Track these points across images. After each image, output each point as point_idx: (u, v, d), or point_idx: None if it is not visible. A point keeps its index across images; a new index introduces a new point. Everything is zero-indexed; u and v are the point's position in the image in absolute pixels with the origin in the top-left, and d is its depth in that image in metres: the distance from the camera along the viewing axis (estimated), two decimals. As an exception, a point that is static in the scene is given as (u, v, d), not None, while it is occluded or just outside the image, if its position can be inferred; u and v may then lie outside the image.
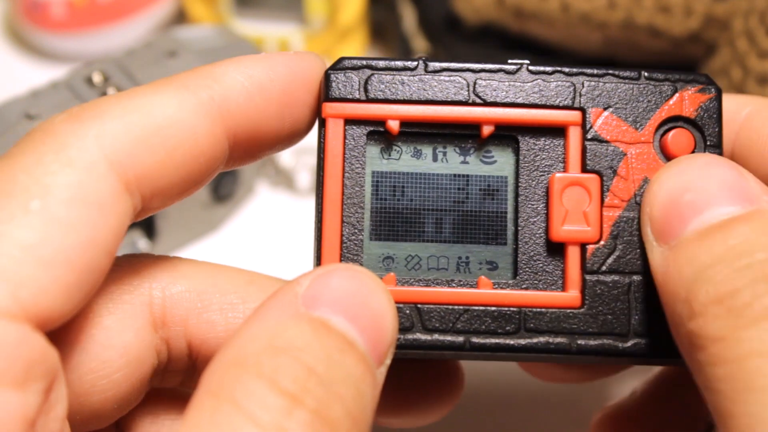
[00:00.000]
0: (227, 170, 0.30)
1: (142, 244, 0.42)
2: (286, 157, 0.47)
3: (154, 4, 0.51)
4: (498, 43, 0.46)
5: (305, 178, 0.47)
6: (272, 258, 0.44)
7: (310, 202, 0.46)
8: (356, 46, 0.50)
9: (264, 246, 0.44)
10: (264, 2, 0.49)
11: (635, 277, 0.30)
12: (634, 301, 0.30)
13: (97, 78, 0.39)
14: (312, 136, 0.30)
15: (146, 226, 0.42)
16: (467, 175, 0.31)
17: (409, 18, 0.48)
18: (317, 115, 0.30)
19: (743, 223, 0.26)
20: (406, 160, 0.31)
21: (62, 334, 0.25)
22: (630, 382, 0.39)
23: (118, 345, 0.27)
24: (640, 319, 0.30)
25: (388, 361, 0.26)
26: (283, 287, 0.25)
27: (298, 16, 0.49)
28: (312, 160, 0.47)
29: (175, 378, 0.30)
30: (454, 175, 0.31)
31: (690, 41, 0.43)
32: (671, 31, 0.43)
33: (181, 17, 0.52)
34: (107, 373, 0.27)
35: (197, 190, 0.28)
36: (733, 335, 0.24)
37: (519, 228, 0.31)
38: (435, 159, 0.31)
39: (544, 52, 0.46)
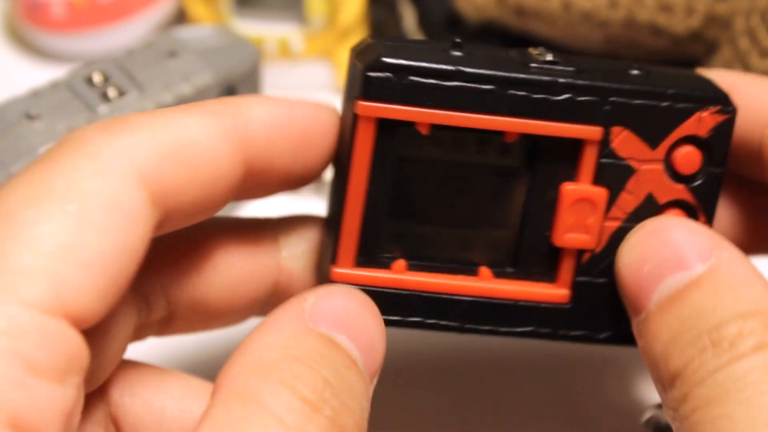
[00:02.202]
0: (236, 202, 0.31)
1: (142, 244, 0.42)
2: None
3: (154, 4, 0.51)
4: (499, 42, 0.46)
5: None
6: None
7: (310, 203, 0.46)
8: (356, 46, 0.50)
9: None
10: (264, 2, 0.49)
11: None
12: (619, 303, 0.32)
13: (97, 78, 0.39)
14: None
15: (146, 226, 0.42)
16: (485, 166, 0.32)
17: (409, 18, 0.48)
18: (332, 157, 0.32)
19: (694, 289, 0.28)
20: (429, 148, 0.32)
21: None
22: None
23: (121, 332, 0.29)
24: (623, 317, 0.31)
25: (375, 381, 0.28)
26: (291, 301, 0.27)
27: (298, 16, 0.49)
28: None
29: (150, 330, 0.31)
30: (474, 166, 0.32)
31: (691, 40, 0.43)
32: (672, 29, 0.43)
33: (181, 17, 0.52)
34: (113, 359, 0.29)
35: (206, 217, 0.29)
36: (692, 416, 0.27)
37: (525, 223, 0.32)
38: (456, 150, 0.32)
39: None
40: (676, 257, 0.29)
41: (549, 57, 0.32)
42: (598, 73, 0.31)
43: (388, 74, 0.30)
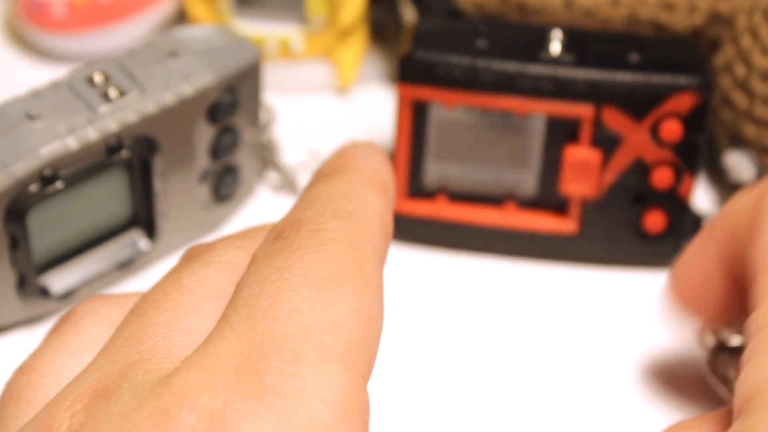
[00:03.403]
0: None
1: (142, 244, 0.42)
2: (287, 158, 0.47)
3: (154, 4, 0.51)
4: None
5: (306, 179, 0.46)
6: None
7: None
8: (356, 46, 0.50)
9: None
10: (264, 2, 0.49)
11: (619, 221, 0.41)
12: (619, 236, 0.41)
13: (98, 78, 0.39)
14: (306, 139, 0.30)
15: (147, 225, 0.42)
16: (507, 126, 0.40)
17: (409, 17, 0.48)
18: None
19: None
20: (461, 113, 0.40)
21: None
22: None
23: None
24: (621, 243, 0.42)
25: None
26: None
27: (299, 16, 0.49)
28: (312, 163, 0.46)
29: None
30: (497, 127, 0.41)
31: (693, 37, 0.43)
32: (675, 27, 0.43)
33: (181, 17, 0.52)
34: None
35: None
36: None
37: (543, 167, 0.41)
38: (481, 115, 0.40)
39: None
40: None
41: (557, 48, 0.39)
42: (597, 61, 0.39)
43: (419, 65, 0.39)
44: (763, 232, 0.31)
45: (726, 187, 0.45)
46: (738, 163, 0.42)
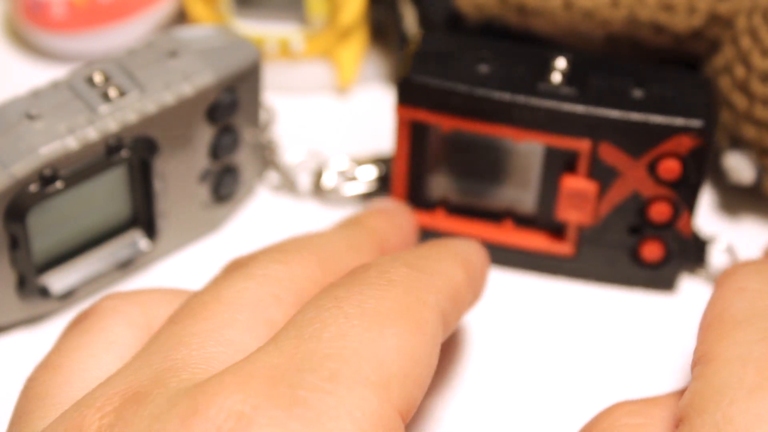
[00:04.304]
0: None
1: (142, 244, 0.42)
2: (287, 158, 0.47)
3: (154, 4, 0.51)
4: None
5: (306, 179, 0.47)
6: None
7: (312, 203, 0.46)
8: (356, 46, 0.50)
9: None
10: (264, 2, 0.49)
11: (616, 247, 0.40)
12: (612, 259, 0.41)
13: (98, 78, 0.39)
14: (306, 139, 0.30)
15: (147, 225, 0.42)
16: (509, 145, 0.40)
17: (409, 17, 0.48)
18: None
19: None
20: (460, 133, 0.40)
21: None
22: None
23: None
24: (618, 267, 0.41)
25: None
26: None
27: (299, 16, 0.49)
28: (313, 162, 0.46)
29: None
30: (500, 145, 0.40)
31: (693, 38, 0.43)
32: (674, 28, 0.43)
33: (181, 17, 0.52)
34: None
35: None
36: None
37: (541, 189, 0.40)
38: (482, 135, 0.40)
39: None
40: None
41: (558, 78, 0.38)
42: (597, 96, 0.38)
43: (417, 88, 0.39)
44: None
45: (726, 188, 0.45)
46: (738, 165, 0.42)
